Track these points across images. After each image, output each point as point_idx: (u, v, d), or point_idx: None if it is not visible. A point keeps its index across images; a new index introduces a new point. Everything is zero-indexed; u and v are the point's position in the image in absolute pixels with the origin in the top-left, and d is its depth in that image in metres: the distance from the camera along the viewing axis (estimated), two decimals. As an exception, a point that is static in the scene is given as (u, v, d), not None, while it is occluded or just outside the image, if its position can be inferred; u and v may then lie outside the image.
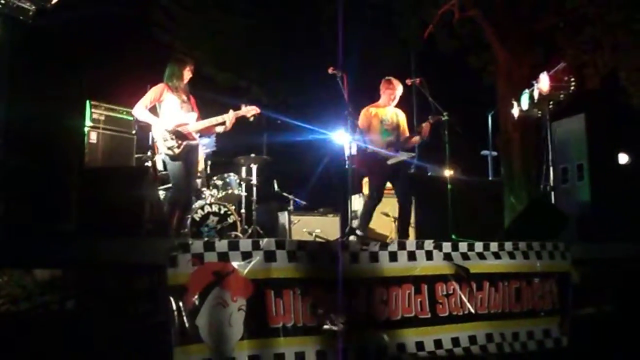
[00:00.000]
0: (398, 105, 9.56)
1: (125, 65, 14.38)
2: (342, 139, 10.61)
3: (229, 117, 8.80)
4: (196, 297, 4.67)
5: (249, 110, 9.00)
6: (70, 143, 5.90)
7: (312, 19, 17.84)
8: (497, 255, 6.24)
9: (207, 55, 18.05)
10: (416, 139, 9.37)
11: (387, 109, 9.42)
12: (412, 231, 9.48)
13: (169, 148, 8.29)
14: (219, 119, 8.75)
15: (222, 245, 4.92)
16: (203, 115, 8.75)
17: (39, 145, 5.52)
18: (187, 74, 8.68)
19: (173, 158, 8.35)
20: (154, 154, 9.42)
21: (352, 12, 16.60)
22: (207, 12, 18.59)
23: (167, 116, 8.43)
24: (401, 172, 9.25)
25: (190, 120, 8.52)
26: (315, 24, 17.60)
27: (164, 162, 8.84)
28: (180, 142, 8.32)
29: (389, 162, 9.08)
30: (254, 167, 10.85)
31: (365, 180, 11.46)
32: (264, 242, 5.09)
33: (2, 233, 4.90)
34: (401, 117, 9.54)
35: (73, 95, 6.01)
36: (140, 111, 8.45)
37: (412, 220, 9.49)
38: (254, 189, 10.80)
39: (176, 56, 9.17)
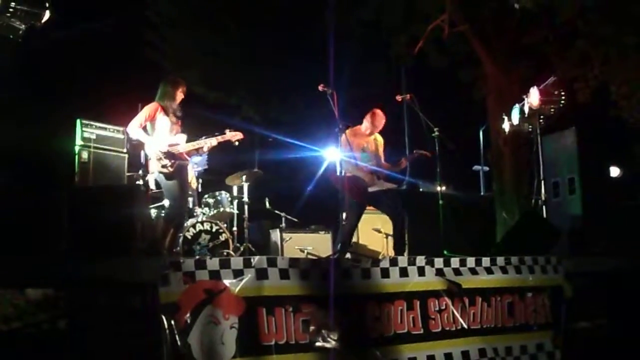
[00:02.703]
0: (388, 124, 9.56)
1: (116, 84, 14.39)
2: (334, 156, 10.62)
3: (212, 142, 8.83)
4: (188, 315, 4.66)
5: (234, 136, 9.03)
6: (60, 162, 5.91)
7: (302, 36, 17.86)
8: (489, 270, 6.24)
9: (197, 74, 18.07)
10: (394, 169, 9.41)
11: (368, 137, 9.41)
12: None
13: (163, 167, 8.31)
14: (201, 142, 8.78)
15: (213, 263, 4.92)
16: (193, 133, 8.77)
17: (29, 164, 5.54)
18: (180, 95, 8.72)
19: (167, 177, 8.36)
20: (146, 172, 9.44)
21: (342, 29, 16.65)
22: (197, 31, 18.62)
23: (158, 136, 8.45)
24: (382, 196, 9.20)
25: (180, 141, 8.55)
26: (306, 41, 17.62)
27: (156, 181, 8.85)
28: (172, 161, 8.33)
29: (370, 189, 9.08)
30: (246, 185, 10.85)
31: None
32: (255, 259, 5.09)
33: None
34: (379, 142, 9.55)
35: (63, 114, 6.03)
36: (134, 130, 8.46)
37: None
38: (246, 206, 10.80)
39: (169, 77, 9.19)
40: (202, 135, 8.87)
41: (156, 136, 8.46)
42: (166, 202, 8.96)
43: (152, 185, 9.41)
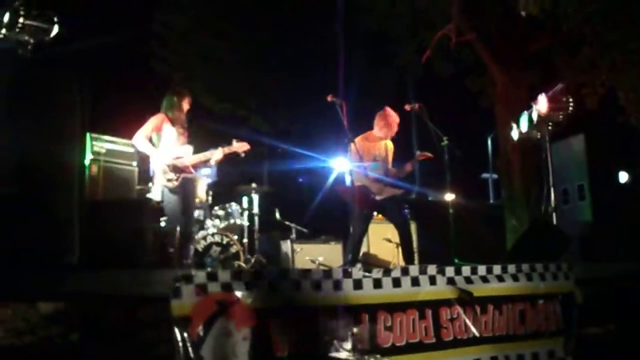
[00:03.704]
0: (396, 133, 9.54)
1: (125, 97, 14.44)
2: (343, 166, 10.60)
3: (218, 153, 8.82)
4: (200, 327, 4.66)
5: (241, 147, 8.99)
6: (71, 176, 5.91)
7: (311, 47, 17.89)
8: (500, 278, 6.22)
9: (205, 85, 18.10)
10: (400, 174, 9.37)
11: (380, 142, 9.37)
12: (415, 256, 9.45)
13: (168, 180, 8.29)
14: (207, 154, 8.76)
15: (225, 275, 4.92)
16: (201, 145, 8.76)
17: (38, 178, 5.53)
18: (185, 106, 8.69)
19: (171, 191, 8.34)
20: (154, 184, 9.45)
21: (350, 39, 16.68)
22: (205, 42, 18.66)
23: (165, 148, 8.43)
24: (389, 202, 9.16)
25: (185, 153, 8.52)
26: (314, 52, 17.66)
27: (162, 193, 8.85)
28: (177, 175, 8.32)
29: (378, 197, 9.05)
30: (256, 197, 10.86)
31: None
32: (266, 271, 5.09)
33: (6, 266, 4.91)
34: (390, 148, 9.50)
35: (73, 129, 6.03)
36: (140, 141, 8.44)
37: (415, 244, 9.46)
38: (256, 218, 10.80)
39: (174, 88, 9.19)
40: (209, 146, 8.86)
41: (163, 147, 8.45)
42: (169, 214, 8.95)
43: (157, 197, 9.41)
